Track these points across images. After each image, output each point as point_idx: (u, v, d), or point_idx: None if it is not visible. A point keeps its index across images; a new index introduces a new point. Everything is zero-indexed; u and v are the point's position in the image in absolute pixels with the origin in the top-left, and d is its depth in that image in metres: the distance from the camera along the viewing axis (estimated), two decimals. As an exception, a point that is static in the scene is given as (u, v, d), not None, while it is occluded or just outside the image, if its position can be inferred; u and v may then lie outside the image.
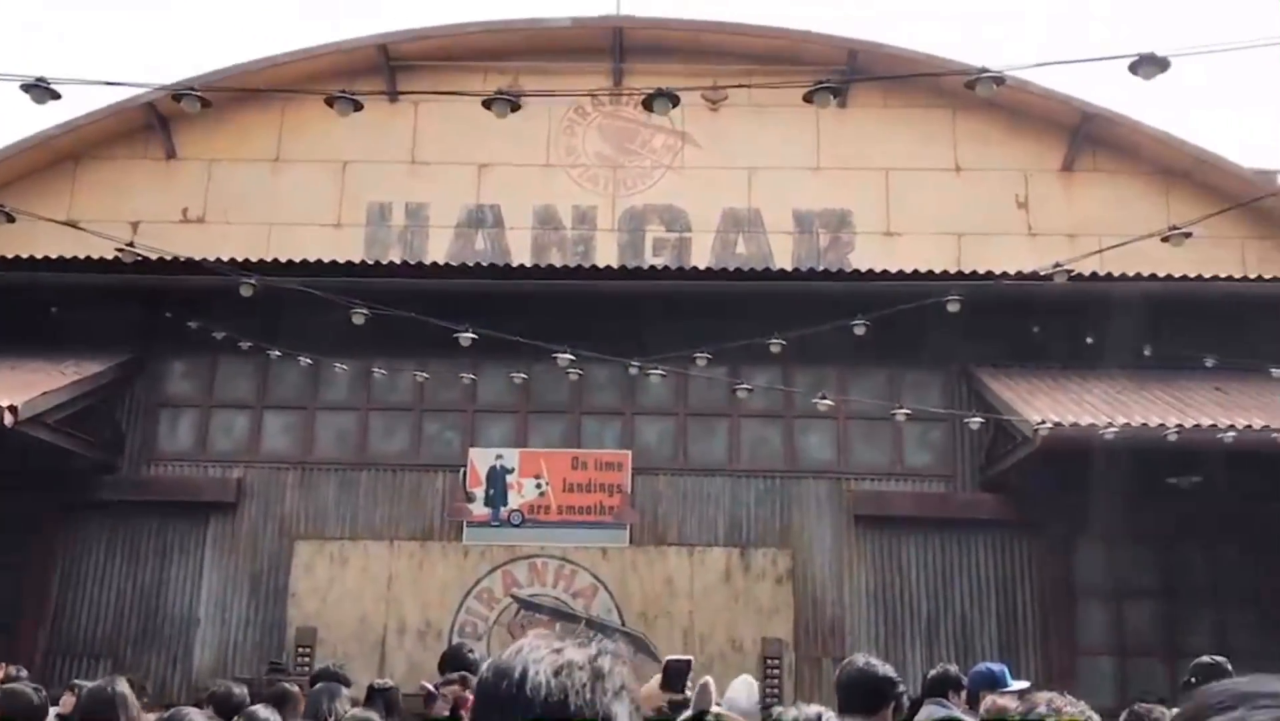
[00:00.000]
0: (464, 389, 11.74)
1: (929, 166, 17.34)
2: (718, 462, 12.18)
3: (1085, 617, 11.43)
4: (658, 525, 11.96)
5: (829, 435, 12.21)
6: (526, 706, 1.23)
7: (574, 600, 11.64)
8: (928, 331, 11.01)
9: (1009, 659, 10.21)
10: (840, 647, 10.73)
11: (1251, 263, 15.52)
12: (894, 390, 11.80)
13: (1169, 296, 11.09)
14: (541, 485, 11.93)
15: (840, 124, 17.31)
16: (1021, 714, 3.15)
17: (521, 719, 1.23)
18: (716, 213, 17.31)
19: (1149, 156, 17.27)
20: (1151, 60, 5.08)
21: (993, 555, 11.62)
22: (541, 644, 1.30)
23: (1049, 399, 10.64)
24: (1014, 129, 17.54)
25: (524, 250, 16.34)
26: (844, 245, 17.24)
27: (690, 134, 17.46)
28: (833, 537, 11.81)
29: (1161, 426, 9.64)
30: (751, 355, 10.46)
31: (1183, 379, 10.81)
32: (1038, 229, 16.99)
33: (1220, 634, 10.66)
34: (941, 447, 12.08)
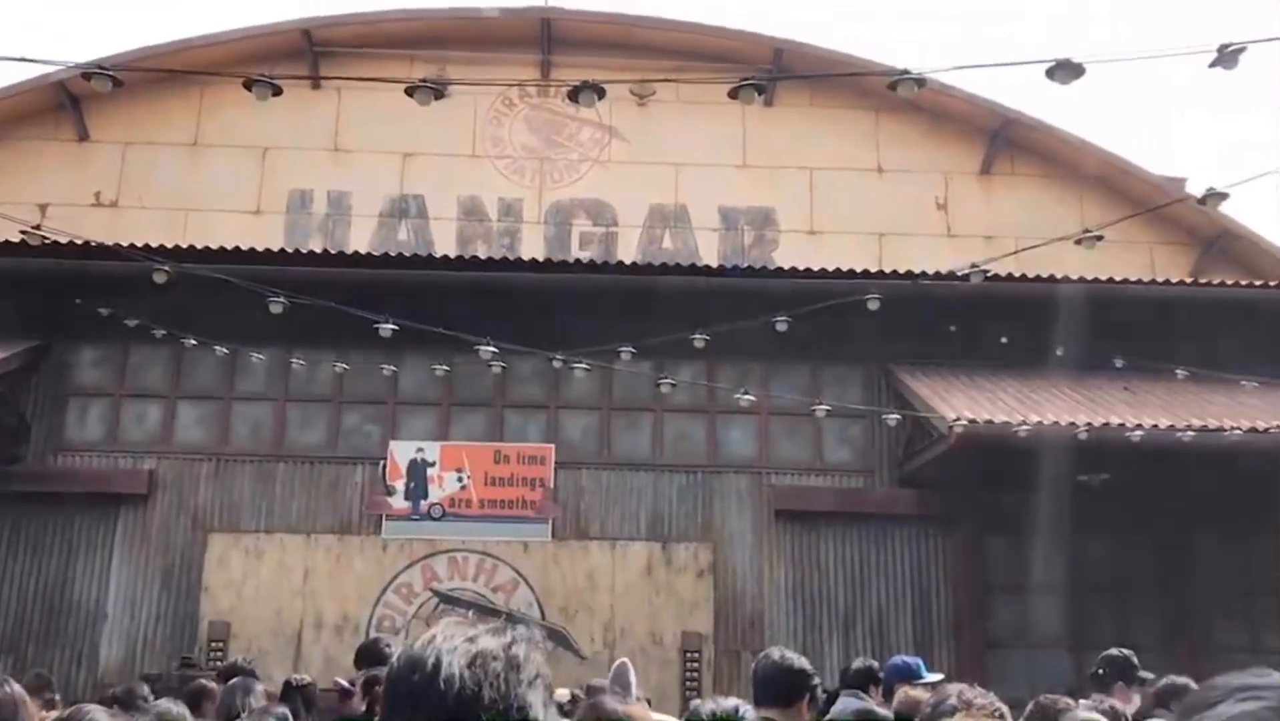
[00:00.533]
0: (384, 381, 11.59)
1: (852, 166, 17.57)
2: (641, 457, 12.21)
3: (997, 611, 11.69)
4: (580, 519, 11.94)
5: (751, 430, 12.31)
6: (439, 697, 1.20)
7: (494, 594, 11.57)
8: (849, 329, 11.16)
9: (924, 652, 10.39)
10: (759, 641, 10.82)
11: (1159, 266, 16.02)
12: (815, 386, 11.94)
13: (1080, 298, 11.37)
14: (463, 479, 11.83)
15: (766, 123, 17.46)
16: (932, 705, 3.20)
17: (434, 710, 1.20)
18: (643, 208, 17.33)
19: (1064, 161, 17.71)
20: (1067, 66, 5.20)
21: (909, 550, 11.83)
22: (455, 633, 1.27)
23: (965, 396, 10.86)
24: (935, 132, 17.85)
25: (449, 241, 16.19)
26: (769, 243, 17.39)
27: (618, 128, 17.46)
28: (753, 532, 11.91)
29: (1072, 424, 9.89)
30: (676, 350, 10.49)
31: (1093, 378, 11.11)
32: (956, 230, 17.33)
33: (1125, 627, 10.98)
34: (861, 444, 12.26)
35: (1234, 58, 5.22)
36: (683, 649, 11.42)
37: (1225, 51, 5.18)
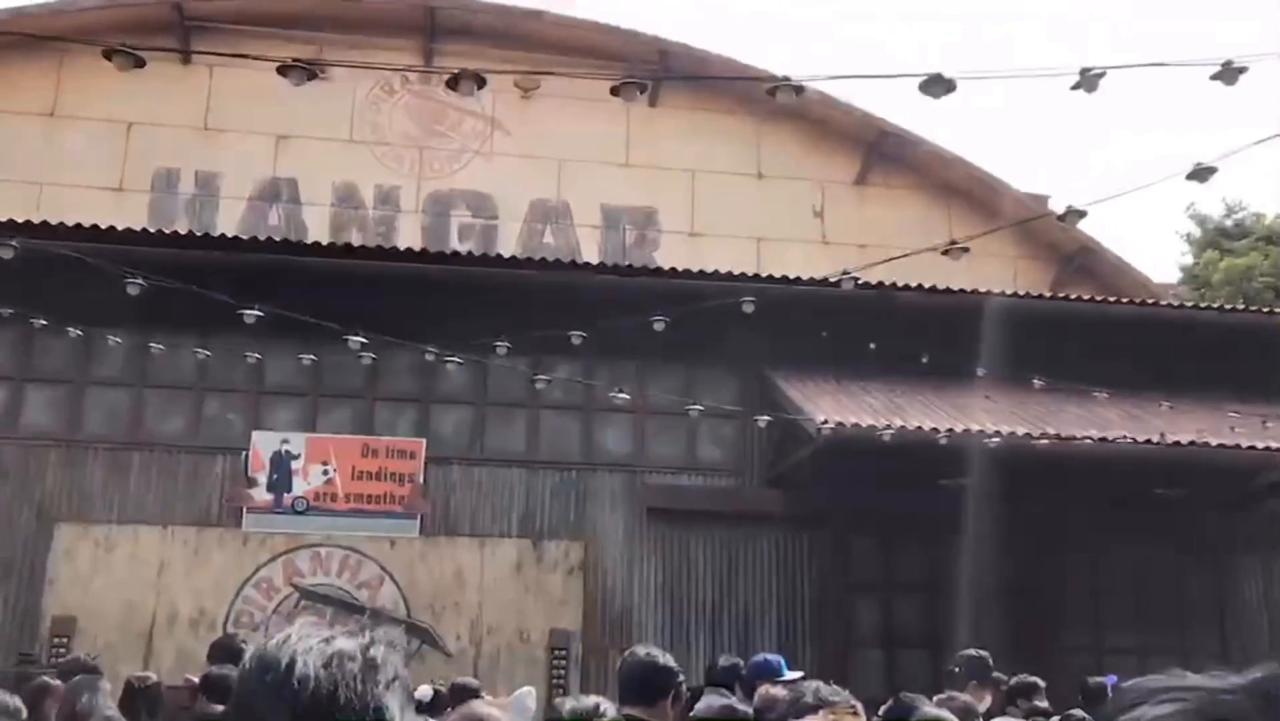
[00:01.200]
0: (249, 369, 11.21)
1: (733, 171, 17.79)
2: (514, 453, 12.10)
3: (859, 611, 11.97)
4: (450, 515, 11.78)
5: (626, 429, 12.33)
6: (293, 697, 1.17)
7: (359, 591, 11.32)
8: (725, 331, 11.27)
9: (787, 650, 10.58)
10: (628, 639, 10.84)
11: (1022, 279, 16.67)
12: (691, 387, 12.02)
13: (946, 308, 11.74)
14: (329, 472, 11.54)
15: (650, 123, 17.53)
16: (789, 702, 3.23)
17: (288, 711, 1.16)
18: (525, 202, 17.23)
19: (935, 175, 18.29)
20: (939, 81, 5.33)
21: (776, 549, 12.02)
22: (311, 633, 1.24)
23: (833, 400, 11.08)
24: (814, 140, 18.21)
25: (322, 228, 15.80)
26: (650, 242, 17.48)
27: (501, 120, 17.31)
28: (625, 530, 11.94)
29: (934, 430, 10.19)
30: (553, 347, 10.43)
31: (955, 386, 11.46)
32: (832, 238, 17.72)
33: (981, 627, 11.35)
34: (733, 444, 12.40)
35: (1094, 81, 5.43)
36: (550, 646, 11.37)
37: (1086, 75, 5.39)
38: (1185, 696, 0.70)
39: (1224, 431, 10.76)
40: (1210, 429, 10.77)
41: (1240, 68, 5.37)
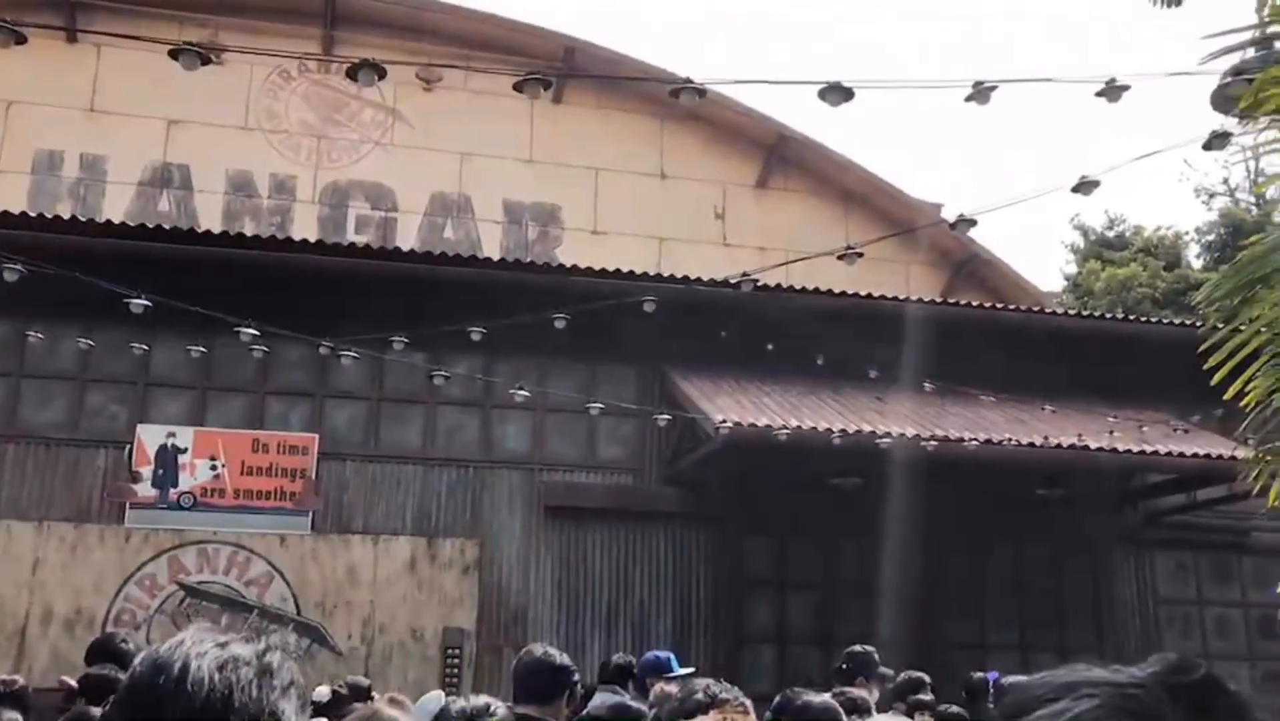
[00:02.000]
0: (135, 360, 10.83)
1: (636, 170, 17.86)
2: (410, 450, 11.95)
3: (752, 607, 12.13)
4: (343, 512, 11.57)
5: (525, 426, 12.28)
6: (186, 702, 1.15)
7: (247, 588, 11.05)
8: (626, 330, 11.31)
9: (681, 647, 10.67)
10: (523, 637, 10.80)
11: (914, 284, 17.09)
12: (591, 385, 12.02)
13: (841, 310, 11.96)
14: (217, 467, 11.23)
15: (554, 120, 17.49)
16: (680, 699, 3.26)
17: (180, 715, 1.14)
18: (425, 195, 17.03)
19: (834, 180, 18.62)
20: (838, 89, 5.43)
21: (672, 547, 12.10)
22: (206, 637, 1.22)
23: (732, 400, 11.21)
24: (716, 143, 18.38)
25: (214, 216, 15.37)
26: (553, 239, 17.44)
27: (402, 112, 17.07)
28: (522, 528, 11.88)
29: (828, 430, 10.38)
30: (452, 342, 10.32)
31: (849, 387, 11.70)
32: (733, 239, 17.92)
33: (869, 623, 11.60)
34: (632, 442, 12.44)
35: (986, 94, 5.59)
36: (444, 645, 11.25)
37: (979, 88, 5.54)
38: (1097, 692, 0.71)
39: (1103, 435, 11.19)
40: (1090, 432, 11.18)
41: (1123, 86, 5.59)
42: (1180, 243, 25.43)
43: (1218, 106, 6.19)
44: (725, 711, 2.66)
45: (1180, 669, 0.74)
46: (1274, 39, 4.74)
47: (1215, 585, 13.50)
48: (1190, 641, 13.12)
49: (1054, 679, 0.73)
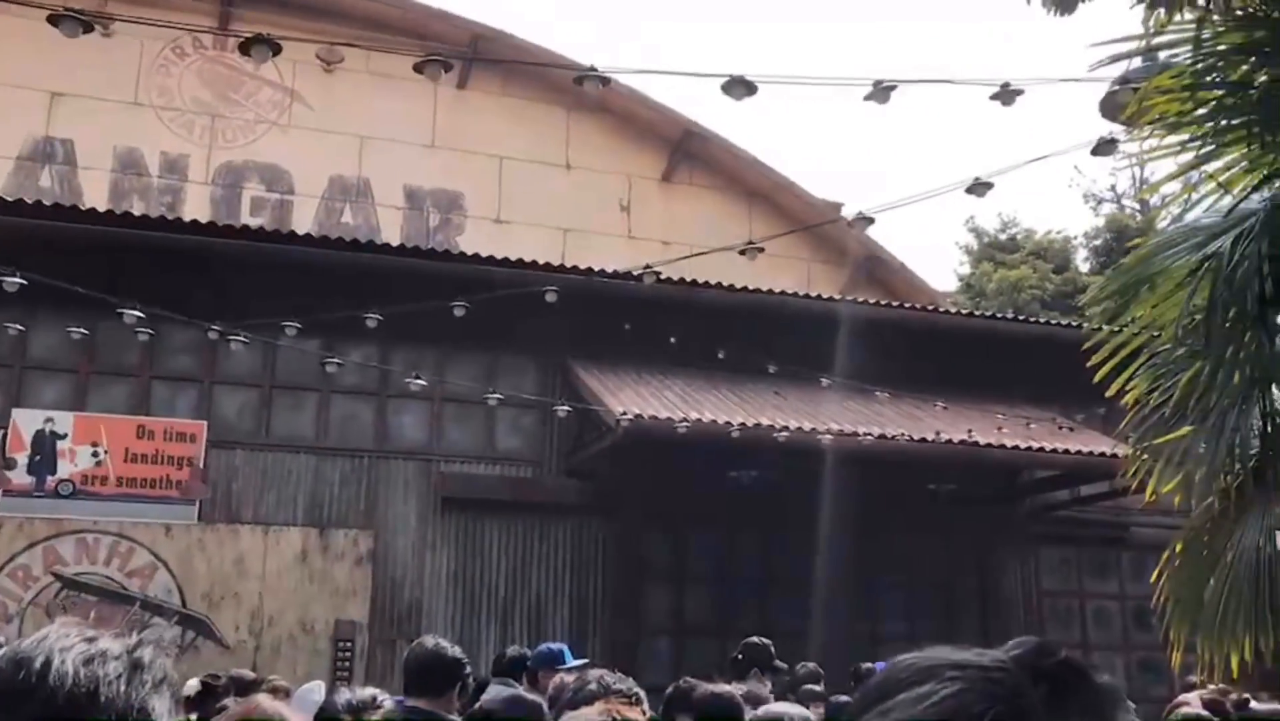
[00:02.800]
0: (11, 341, 10.33)
1: (542, 160, 17.75)
2: (303, 439, 11.67)
3: (650, 599, 12.16)
4: (231, 502, 11.25)
5: (422, 416, 12.09)
6: (48, 697, 1.10)
7: (129, 580, 10.66)
8: (528, 320, 11.21)
9: (579, 639, 10.65)
10: (417, 629, 10.64)
11: (815, 282, 17.34)
12: (491, 375, 11.90)
13: (741, 306, 12.07)
14: (99, 454, 10.81)
15: (458, 106, 17.27)
16: (573, 690, 3.24)
17: (40, 710, 1.09)
18: (323, 178, 16.68)
19: (738, 176, 18.78)
20: (741, 83, 5.45)
21: (571, 539, 12.06)
22: (73, 631, 1.17)
23: (633, 392, 11.21)
24: (622, 135, 18.38)
25: (100, 194, 14.79)
26: (454, 227, 17.23)
27: (301, 92, 16.67)
28: (418, 519, 11.71)
29: (728, 424, 10.45)
30: (348, 329, 10.11)
31: (748, 381, 11.80)
32: (637, 232, 17.94)
33: (766, 614, 11.74)
34: (532, 434, 12.36)
35: (885, 94, 5.67)
36: (335, 637, 11.03)
37: (878, 87, 5.62)
38: (962, 675, 0.71)
39: (992, 432, 11.50)
40: (980, 429, 11.48)
41: (1016, 90, 5.72)
42: (1069, 247, 26.31)
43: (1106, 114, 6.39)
44: (611, 702, 2.64)
45: (1041, 652, 0.76)
46: (1159, 50, 4.89)
47: (1095, 578, 14.00)
48: (1071, 632, 13.59)
49: (918, 662, 0.74)
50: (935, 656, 0.74)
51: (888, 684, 0.74)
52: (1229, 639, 3.76)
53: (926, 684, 0.70)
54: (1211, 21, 4.44)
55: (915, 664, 0.74)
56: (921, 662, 0.73)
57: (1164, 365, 4.45)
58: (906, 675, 0.72)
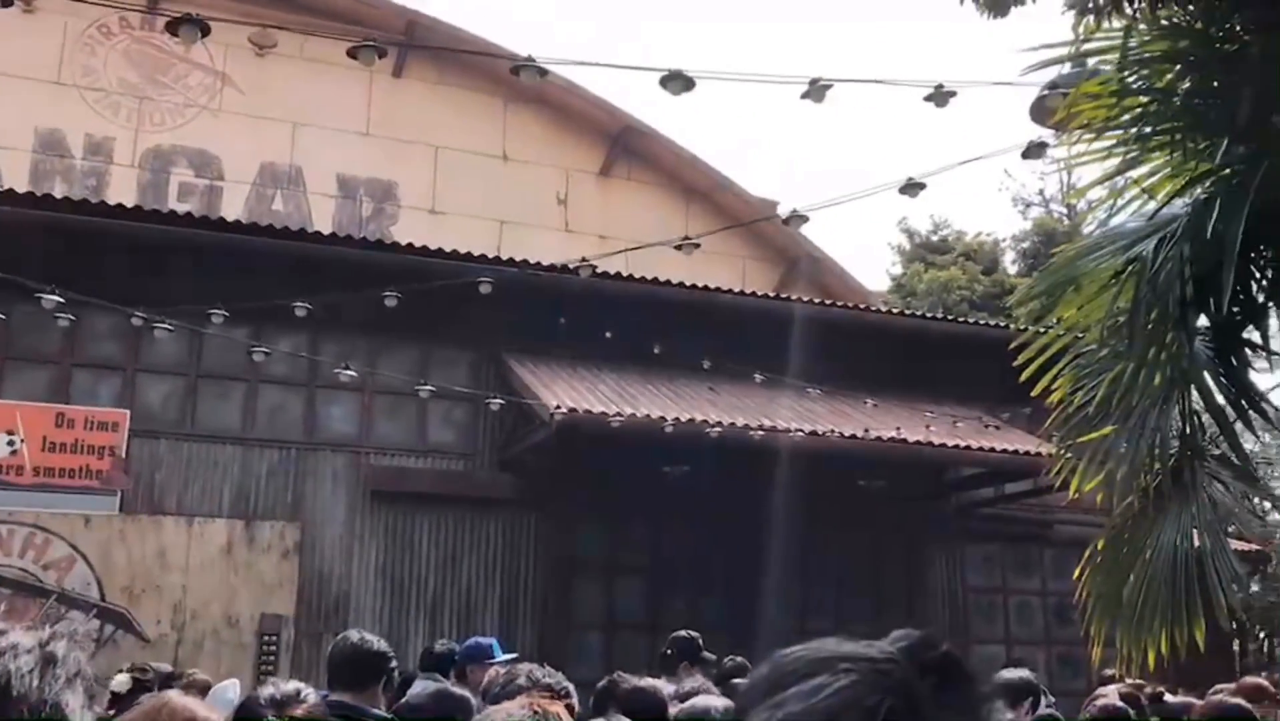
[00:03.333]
0: (-77, 325, 10.02)
1: (478, 151, 17.61)
2: (229, 429, 11.44)
3: (582, 593, 12.14)
4: (154, 493, 10.99)
5: (352, 408, 11.93)
6: None
7: (45, 572, 10.37)
8: (462, 312, 11.13)
9: (509, 633, 10.60)
10: (343, 623, 10.51)
11: (750, 279, 17.43)
12: (423, 367, 11.78)
13: (677, 301, 12.09)
14: (15, 443, 10.49)
15: (393, 94, 17.07)
16: (501, 684, 3.22)
17: None
18: (254, 164, 16.37)
19: (676, 173, 18.82)
20: (679, 77, 5.45)
21: (502, 533, 11.99)
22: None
23: (567, 386, 11.18)
24: (560, 128, 18.31)
25: (20, 175, 14.35)
26: (388, 217, 17.03)
27: (232, 77, 16.35)
28: (346, 512, 11.55)
29: (661, 419, 10.47)
30: (277, 318, 9.93)
31: (683, 377, 11.83)
32: (574, 226, 17.89)
33: (696, 610, 11.79)
34: (465, 427, 12.26)
35: (822, 92, 5.71)
36: (260, 631, 10.85)
37: (815, 85, 5.65)
38: (854, 667, 0.71)
39: (920, 429, 11.67)
40: (908, 426, 11.64)
41: (950, 92, 5.80)
42: (998, 249, 26.82)
43: (1036, 118, 6.51)
44: (533, 696, 2.63)
45: (926, 644, 0.77)
46: (1088, 56, 4.99)
47: (1019, 574, 14.29)
48: (994, 627, 13.86)
49: (806, 654, 0.74)
50: (823, 649, 0.75)
51: (777, 675, 0.74)
52: (1147, 634, 3.85)
53: (818, 676, 0.71)
54: (1138, 30, 4.53)
55: (804, 656, 0.74)
56: (810, 655, 0.74)
57: (1088, 365, 4.54)
58: (796, 667, 0.73)
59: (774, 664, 0.75)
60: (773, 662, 0.75)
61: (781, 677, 0.72)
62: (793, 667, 0.73)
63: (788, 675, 0.72)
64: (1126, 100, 4.43)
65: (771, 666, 0.75)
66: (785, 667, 0.73)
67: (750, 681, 0.76)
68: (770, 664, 0.76)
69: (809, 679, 0.71)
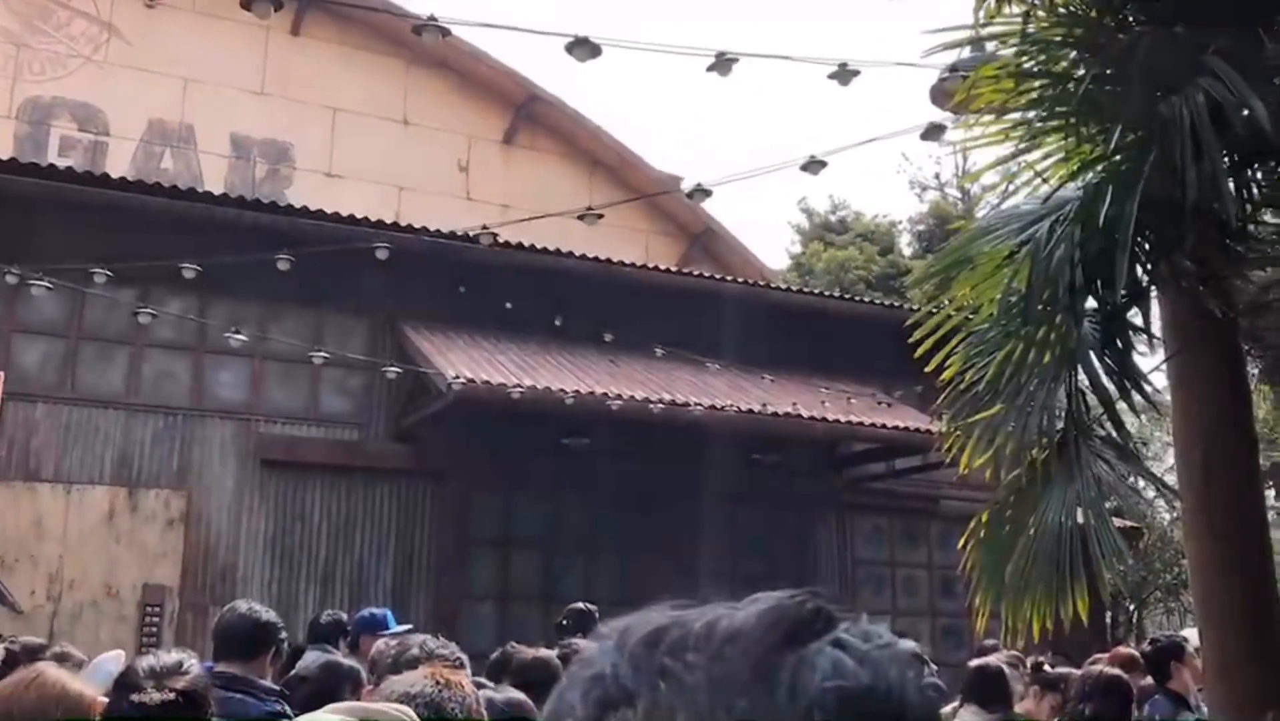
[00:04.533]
0: None
1: (378, 114, 17.23)
2: (112, 394, 11.02)
3: (477, 565, 12.07)
4: (30, 459, 10.54)
5: (243, 374, 11.60)
6: None
7: (-90, 541, 9.89)
8: (358, 278, 10.91)
9: (402, 604, 10.47)
10: (230, 594, 10.25)
11: (653, 253, 17.45)
12: (317, 334, 11.51)
13: (580, 273, 12.03)
14: (-123, 403, 9.96)
15: (291, 53, 16.58)
16: (393, 656, 3.17)
17: None
18: (142, 120, 15.76)
19: (581, 144, 18.70)
20: (586, 44, 5.39)
21: (397, 503, 11.83)
22: None
23: (466, 356, 11.05)
24: (464, 94, 18.02)
25: (-115, 122, 13.57)
26: (283, 179, 16.57)
27: (120, 28, 15.68)
28: (235, 481, 11.25)
29: (561, 391, 10.43)
30: (164, 279, 9.59)
31: (584, 349, 11.80)
32: (476, 194, 17.65)
33: (591, 582, 11.82)
34: (359, 395, 12.03)
35: (728, 66, 5.72)
36: (143, 602, 10.52)
37: (721, 58, 5.65)
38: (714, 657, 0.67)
39: (815, 405, 11.86)
40: (804, 402, 11.82)
41: (853, 70, 5.86)
42: (894, 231, 27.35)
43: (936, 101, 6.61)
44: (435, 666, 2.59)
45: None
46: (988, 40, 5.08)
47: (906, 547, 14.66)
48: (882, 599, 14.20)
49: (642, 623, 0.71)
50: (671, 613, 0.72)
51: (680, 635, 0.69)
52: (1031, 607, 3.97)
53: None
54: (1037, 16, 4.63)
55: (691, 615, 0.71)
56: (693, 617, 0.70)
57: (979, 345, 4.65)
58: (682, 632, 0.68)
59: (652, 628, 0.70)
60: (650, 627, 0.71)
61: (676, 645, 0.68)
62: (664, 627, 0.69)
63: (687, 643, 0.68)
64: (1023, 85, 4.52)
65: (657, 629, 0.70)
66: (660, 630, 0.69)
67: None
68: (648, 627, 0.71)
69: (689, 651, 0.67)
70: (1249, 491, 4.42)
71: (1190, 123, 3.39)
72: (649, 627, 0.68)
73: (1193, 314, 4.19)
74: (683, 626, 0.68)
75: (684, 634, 0.67)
